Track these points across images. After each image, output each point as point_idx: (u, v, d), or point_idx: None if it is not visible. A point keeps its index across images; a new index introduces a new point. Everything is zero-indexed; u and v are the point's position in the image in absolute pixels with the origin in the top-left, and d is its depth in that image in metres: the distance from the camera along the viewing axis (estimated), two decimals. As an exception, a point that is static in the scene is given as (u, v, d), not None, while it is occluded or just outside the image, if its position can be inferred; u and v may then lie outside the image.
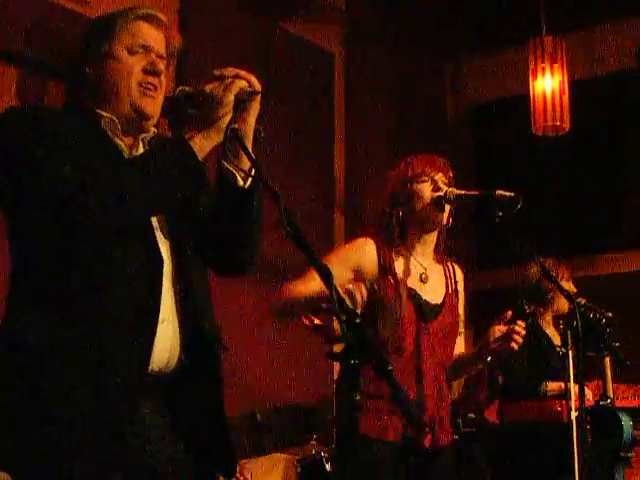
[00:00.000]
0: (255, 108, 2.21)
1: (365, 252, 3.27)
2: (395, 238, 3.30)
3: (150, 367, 2.12)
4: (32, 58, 4.67)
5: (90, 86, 2.24)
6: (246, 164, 2.23)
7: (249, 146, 2.21)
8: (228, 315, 4.92)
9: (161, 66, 2.25)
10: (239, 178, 2.24)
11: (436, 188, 3.29)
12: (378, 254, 3.27)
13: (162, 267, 2.17)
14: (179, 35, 2.34)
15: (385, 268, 3.24)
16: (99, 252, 2.09)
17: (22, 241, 2.17)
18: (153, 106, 2.24)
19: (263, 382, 5.44)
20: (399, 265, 3.29)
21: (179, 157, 2.09)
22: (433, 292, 3.32)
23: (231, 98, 2.10)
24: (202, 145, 2.10)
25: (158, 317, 2.13)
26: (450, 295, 3.36)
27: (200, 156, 2.09)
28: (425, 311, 3.26)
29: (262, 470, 4.70)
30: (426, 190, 3.29)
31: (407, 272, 3.29)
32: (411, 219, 3.30)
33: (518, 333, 3.20)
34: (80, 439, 2.02)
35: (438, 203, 3.27)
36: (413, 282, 3.29)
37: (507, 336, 3.20)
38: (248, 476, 4.52)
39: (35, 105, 3.00)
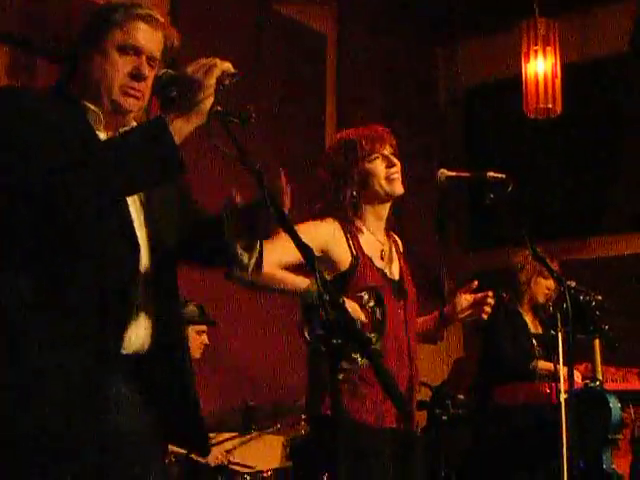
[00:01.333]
0: None
1: (333, 233, 3.15)
2: (350, 215, 3.18)
3: (123, 349, 2.18)
4: (25, 37, 4.65)
5: (79, 76, 2.27)
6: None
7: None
8: (219, 300, 4.98)
9: (147, 71, 2.26)
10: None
11: (390, 164, 3.20)
12: (345, 236, 3.16)
13: (138, 254, 2.21)
14: (178, 33, 2.35)
15: (357, 251, 3.15)
16: (74, 234, 2.12)
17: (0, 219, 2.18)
18: (135, 104, 2.26)
19: (255, 370, 5.45)
20: (365, 245, 3.19)
21: (153, 136, 2.08)
22: (393, 267, 3.25)
23: (212, 81, 2.10)
24: (181, 127, 2.08)
25: (133, 302, 2.18)
26: (404, 268, 3.29)
27: (177, 138, 2.08)
28: (395, 288, 3.20)
29: (251, 450, 4.72)
30: (379, 167, 3.19)
31: (372, 251, 3.21)
32: (365, 196, 3.20)
33: (488, 304, 3.20)
34: (52, 417, 2.05)
35: (393, 179, 3.18)
36: (378, 261, 3.21)
37: (477, 305, 3.21)
38: (231, 458, 4.54)
39: (18, 87, 3.00)
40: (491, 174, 3.26)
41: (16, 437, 2.05)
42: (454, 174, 3.32)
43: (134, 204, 2.25)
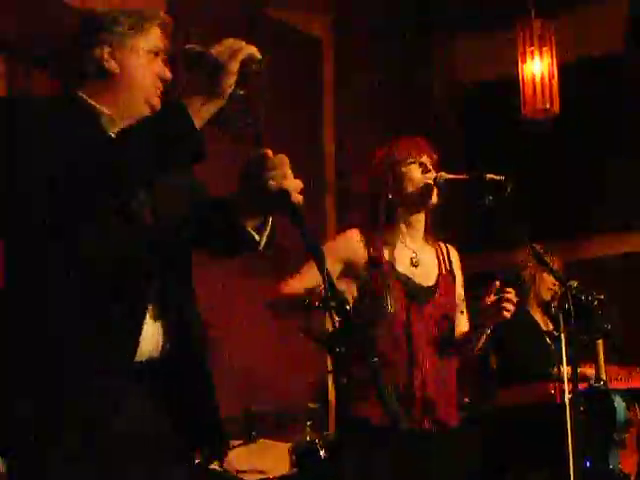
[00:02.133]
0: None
1: (353, 244, 3.28)
2: (382, 222, 3.30)
3: (137, 356, 2.14)
4: (21, 46, 4.64)
5: (93, 79, 2.23)
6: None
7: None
8: (221, 306, 4.96)
9: (167, 74, 2.29)
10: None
11: (425, 170, 3.31)
12: (366, 245, 3.27)
13: (152, 257, 2.17)
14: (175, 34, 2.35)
15: (374, 258, 3.25)
16: (81, 234, 2.08)
17: (12, 229, 2.15)
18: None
19: (257, 375, 5.43)
20: (388, 252, 3.29)
21: (173, 119, 2.02)
22: (425, 275, 3.32)
23: (236, 66, 2.03)
24: (201, 110, 2.02)
25: (146, 309, 2.15)
26: (444, 276, 3.37)
27: (197, 122, 2.01)
28: (417, 295, 3.26)
29: (256, 457, 4.70)
30: (415, 172, 3.31)
31: (397, 258, 3.29)
32: (400, 202, 3.32)
33: (508, 300, 3.20)
34: (67, 424, 2.03)
35: (428, 187, 3.28)
36: (404, 267, 3.29)
37: (497, 303, 3.21)
38: (237, 466, 4.53)
39: (24, 97, 2.97)
40: (489, 176, 3.26)
41: (28, 442, 2.02)
42: (452, 176, 3.34)
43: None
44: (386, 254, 3.28)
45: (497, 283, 3.25)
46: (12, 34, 4.60)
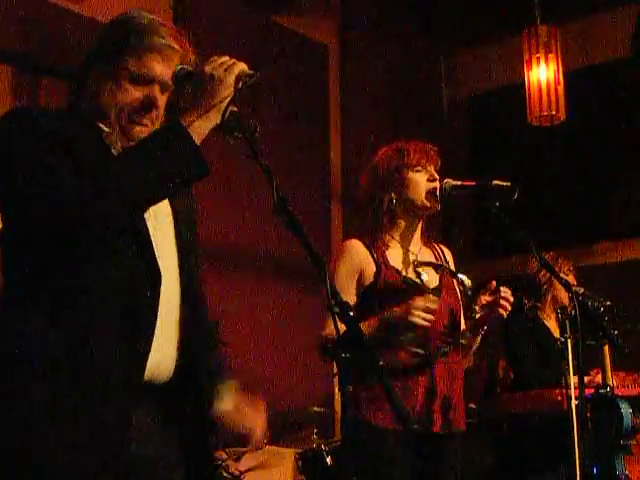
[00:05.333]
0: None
1: (358, 253, 3.28)
2: (384, 223, 3.31)
3: (145, 377, 2.12)
4: (27, 56, 4.65)
5: (88, 96, 2.21)
6: None
7: None
8: (227, 313, 4.95)
9: (159, 100, 2.21)
10: None
11: (431, 178, 3.31)
12: (370, 251, 3.28)
13: (159, 282, 2.13)
14: (193, 50, 2.26)
15: (380, 263, 3.26)
16: (91, 256, 2.06)
17: (14, 244, 2.14)
18: (145, 131, 2.19)
19: (265, 383, 5.41)
20: (392, 256, 3.30)
21: (173, 138, 2.03)
22: (428, 276, 3.33)
23: (233, 79, 2.05)
24: (200, 126, 2.04)
25: (154, 331, 2.11)
26: (445, 276, 3.38)
27: (196, 138, 2.03)
28: (421, 294, 3.23)
29: (263, 464, 4.69)
30: (421, 179, 3.31)
31: (401, 261, 3.31)
32: (403, 206, 3.32)
33: (505, 298, 3.20)
34: (71, 448, 1.99)
35: (433, 193, 3.29)
36: (408, 270, 3.30)
37: (494, 302, 3.21)
38: (242, 468, 4.52)
39: (34, 108, 2.95)
40: (496, 182, 3.26)
41: (43, 466, 1.99)
42: (459, 183, 3.34)
43: (162, 226, 2.20)
44: (390, 258, 3.29)
45: (494, 283, 3.25)
46: (17, 45, 4.61)
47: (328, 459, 4.51)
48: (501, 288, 3.22)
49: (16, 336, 2.05)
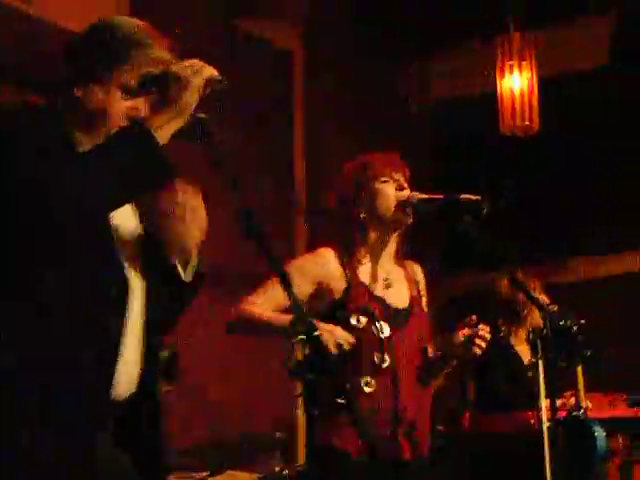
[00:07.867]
0: None
1: (328, 264, 3.19)
2: (356, 240, 3.20)
3: (112, 396, 2.08)
4: (17, 74, 4.57)
5: (71, 103, 2.16)
6: None
7: None
8: (183, 326, 4.81)
9: (145, 112, 2.15)
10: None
11: (400, 188, 3.21)
12: (342, 264, 3.18)
13: (127, 289, 2.12)
14: (172, 50, 2.22)
15: (351, 279, 3.16)
16: (55, 265, 2.01)
17: None
18: None
19: (224, 402, 5.32)
20: (363, 273, 3.20)
21: (137, 139, 2.00)
22: (398, 296, 3.23)
23: (201, 82, 2.04)
24: (163, 127, 2.01)
25: (119, 350, 2.08)
26: (415, 297, 3.28)
27: (162, 140, 2.01)
28: (395, 318, 3.16)
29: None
30: (389, 190, 3.21)
31: (371, 280, 3.20)
32: (374, 220, 3.21)
33: (482, 337, 3.12)
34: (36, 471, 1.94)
35: (403, 205, 3.18)
36: (378, 289, 3.20)
37: (470, 340, 3.12)
38: None
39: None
40: (465, 196, 3.14)
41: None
42: (426, 196, 3.23)
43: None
44: (360, 275, 3.19)
45: (474, 317, 3.15)
46: (8, 61, 4.54)
47: (290, 483, 4.37)
48: (480, 326, 3.13)
49: None
